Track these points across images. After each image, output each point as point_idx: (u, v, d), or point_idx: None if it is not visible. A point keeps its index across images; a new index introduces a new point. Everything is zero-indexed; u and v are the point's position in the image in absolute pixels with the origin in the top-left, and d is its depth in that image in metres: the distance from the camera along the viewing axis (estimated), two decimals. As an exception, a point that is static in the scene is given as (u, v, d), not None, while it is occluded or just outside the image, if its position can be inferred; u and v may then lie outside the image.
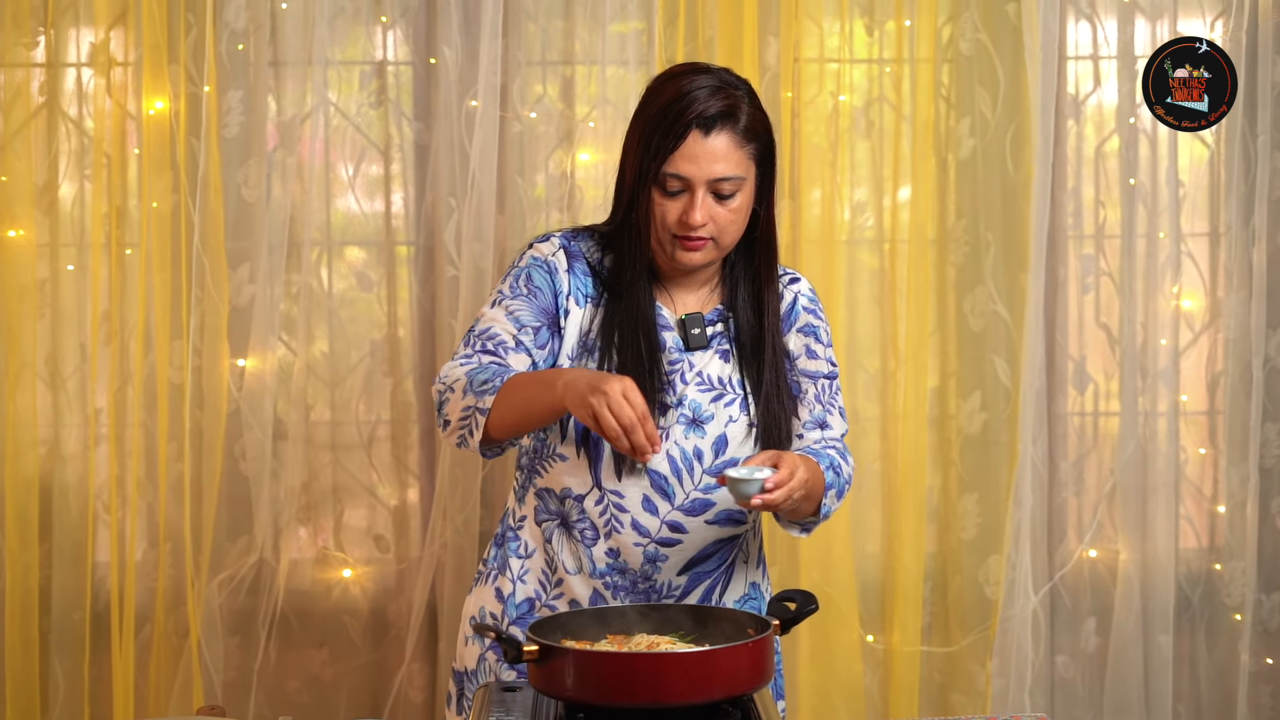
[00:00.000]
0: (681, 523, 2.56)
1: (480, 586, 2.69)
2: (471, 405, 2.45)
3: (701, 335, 2.60)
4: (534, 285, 2.59)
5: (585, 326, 2.58)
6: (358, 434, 3.78)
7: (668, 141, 2.48)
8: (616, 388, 2.30)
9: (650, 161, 2.49)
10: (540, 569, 2.62)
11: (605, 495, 2.55)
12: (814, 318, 2.71)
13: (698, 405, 2.57)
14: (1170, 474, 3.83)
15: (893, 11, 3.73)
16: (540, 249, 2.63)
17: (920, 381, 3.75)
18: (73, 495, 3.69)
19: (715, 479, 2.52)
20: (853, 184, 3.78)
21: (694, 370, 2.58)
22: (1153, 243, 3.81)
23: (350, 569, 3.80)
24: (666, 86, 2.53)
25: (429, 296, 3.75)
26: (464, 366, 2.53)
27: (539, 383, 2.43)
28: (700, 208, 2.49)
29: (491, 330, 2.56)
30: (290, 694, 3.79)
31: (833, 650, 3.75)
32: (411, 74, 3.76)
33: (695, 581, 2.61)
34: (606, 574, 2.57)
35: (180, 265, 3.65)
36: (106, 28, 3.64)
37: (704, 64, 2.60)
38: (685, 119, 2.48)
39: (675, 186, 2.50)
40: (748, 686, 2.21)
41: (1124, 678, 3.83)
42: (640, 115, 2.55)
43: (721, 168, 2.49)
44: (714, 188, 2.50)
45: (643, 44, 3.68)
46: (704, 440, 2.56)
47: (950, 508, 3.82)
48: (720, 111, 2.49)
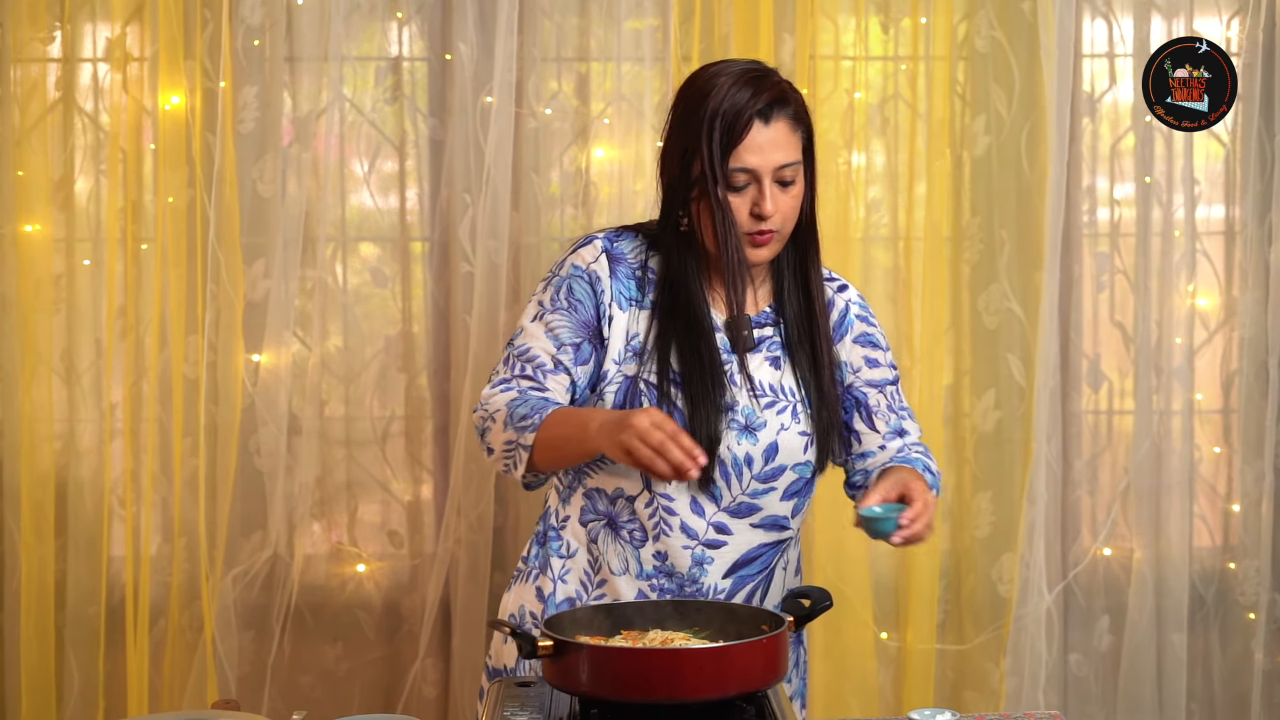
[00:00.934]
0: (727, 524, 2.55)
1: (520, 585, 2.67)
2: (514, 441, 2.47)
3: (750, 337, 2.57)
4: (575, 298, 2.56)
5: (632, 330, 2.55)
6: (372, 429, 3.78)
7: (732, 136, 2.46)
8: (644, 420, 2.30)
9: (716, 160, 2.46)
10: (583, 569, 2.61)
11: (655, 498, 2.53)
12: (867, 325, 2.70)
13: (750, 411, 2.54)
14: (1185, 472, 3.82)
15: (908, 9, 3.72)
16: (583, 255, 2.59)
17: (935, 379, 3.74)
18: (88, 490, 3.69)
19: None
20: (868, 181, 3.78)
21: (745, 375, 2.56)
22: (1168, 241, 3.80)
23: (364, 564, 3.81)
24: (712, 83, 2.49)
25: (443, 292, 3.75)
26: (504, 393, 2.52)
27: (575, 424, 2.43)
28: (770, 198, 2.48)
29: (531, 351, 2.55)
30: (304, 689, 3.79)
31: (846, 647, 3.75)
32: (427, 70, 3.76)
33: (739, 585, 2.60)
34: (654, 575, 2.56)
35: (195, 260, 3.65)
36: (123, 23, 3.64)
37: (732, 59, 2.58)
38: (747, 111, 2.46)
39: (741, 180, 2.48)
40: (762, 683, 2.21)
41: (1137, 676, 3.82)
42: (689, 119, 2.50)
43: (782, 155, 2.48)
44: (777, 175, 2.49)
45: (658, 40, 3.68)
46: (755, 447, 2.54)
47: (964, 505, 3.82)
48: (776, 99, 2.48)
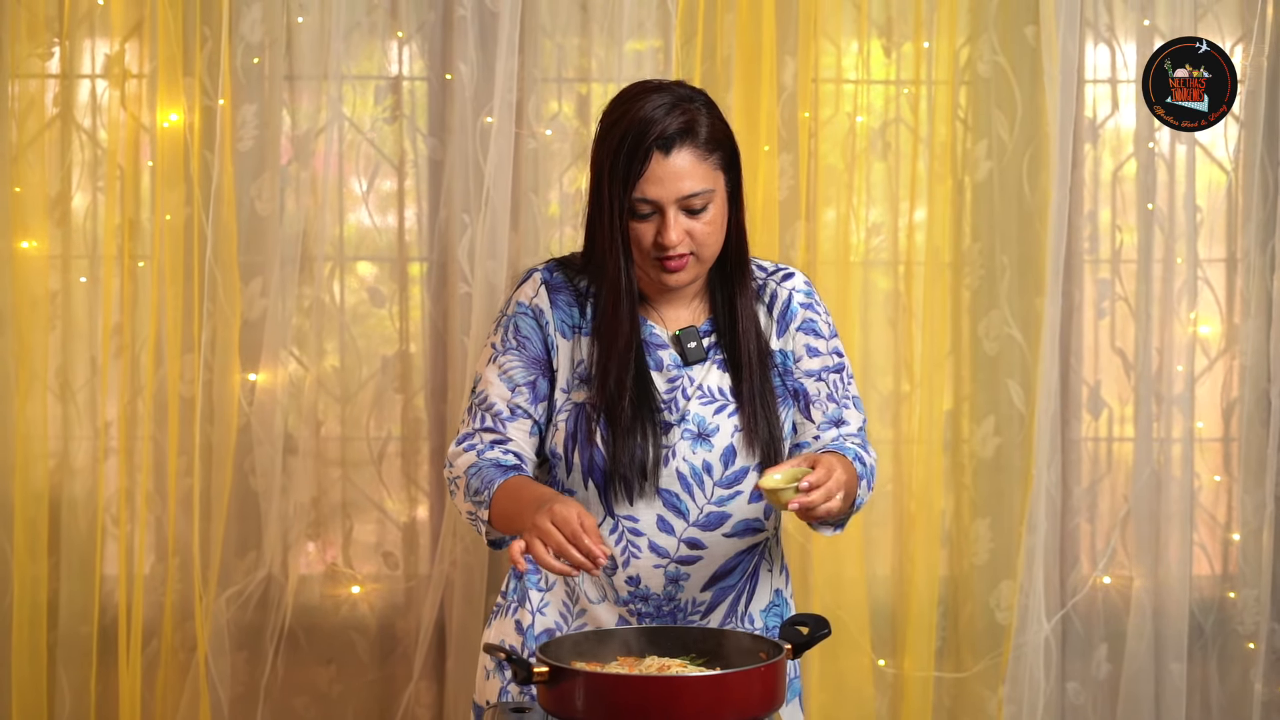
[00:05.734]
0: (699, 539, 2.55)
1: (500, 620, 2.67)
2: (473, 512, 2.53)
3: (699, 349, 2.59)
4: (522, 335, 2.60)
5: (577, 356, 2.59)
6: (368, 450, 3.77)
7: (632, 168, 2.47)
8: (545, 520, 2.30)
9: (618, 191, 2.49)
10: (561, 600, 2.61)
11: (619, 522, 2.54)
12: (811, 312, 2.68)
13: (701, 419, 2.56)
14: (1185, 501, 3.80)
15: (911, 33, 3.72)
16: (524, 291, 2.64)
17: (934, 405, 3.73)
18: (81, 508, 3.68)
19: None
20: (868, 205, 3.77)
21: (695, 384, 2.57)
22: (1169, 268, 3.79)
23: (359, 585, 3.79)
24: (621, 112, 2.51)
25: (441, 313, 3.74)
26: (466, 454, 2.57)
27: (518, 503, 2.44)
28: (673, 227, 2.48)
29: (488, 399, 2.59)
30: (297, 710, 3.77)
31: (843, 674, 3.73)
32: (427, 89, 3.75)
33: (720, 596, 2.59)
34: (630, 601, 2.56)
35: (192, 278, 3.64)
36: (121, 39, 3.63)
37: (655, 81, 2.58)
38: (645, 143, 2.47)
39: (646, 210, 2.49)
40: (760, 711, 2.20)
41: (1136, 705, 3.80)
42: (600, 145, 2.53)
43: (688, 184, 2.48)
44: (684, 205, 2.49)
45: (659, 62, 3.67)
46: (711, 453, 2.55)
47: (963, 532, 3.80)
48: (679, 129, 2.48)
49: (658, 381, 2.57)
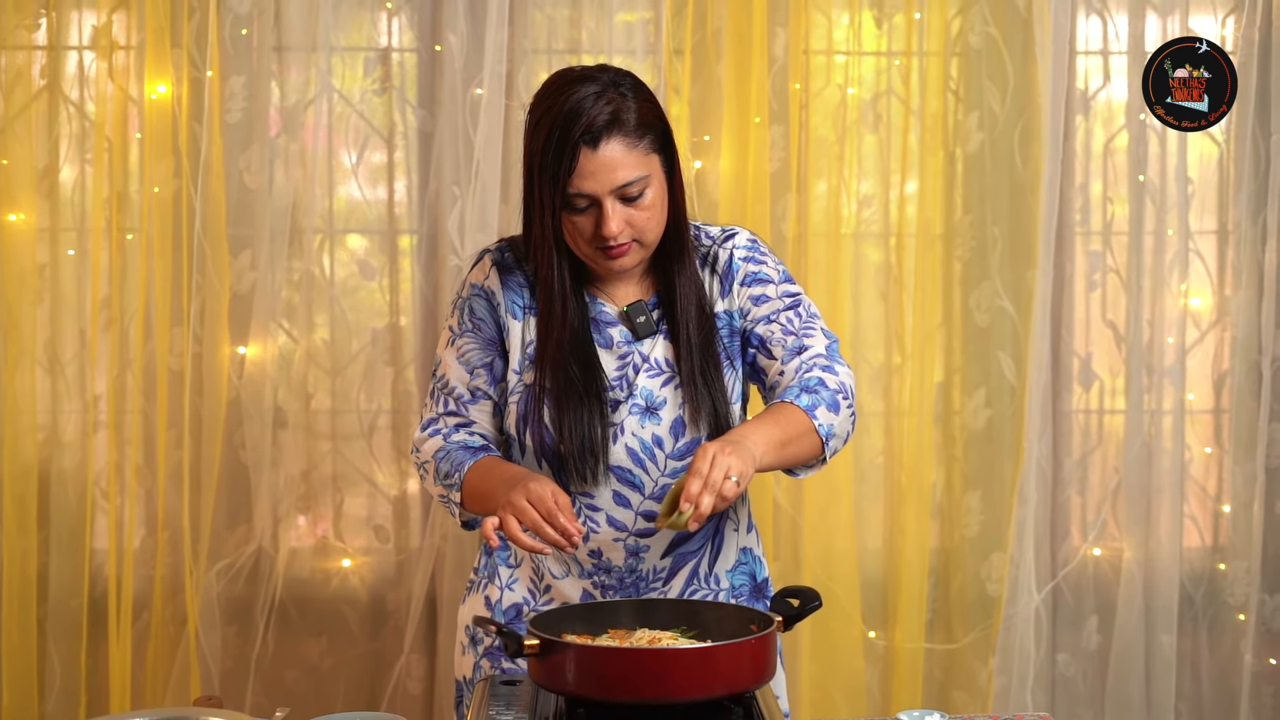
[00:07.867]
0: (655, 511, 2.54)
1: (472, 596, 2.69)
2: (445, 495, 2.55)
3: (648, 323, 2.58)
4: (476, 317, 2.61)
5: (527, 337, 2.58)
6: (358, 423, 3.76)
7: (561, 164, 2.43)
8: (520, 498, 2.33)
9: (548, 187, 2.45)
10: (529, 576, 2.62)
11: (576, 499, 2.53)
12: (753, 264, 2.64)
13: (649, 393, 2.55)
14: (1175, 473, 3.81)
15: (902, 4, 3.71)
16: (476, 274, 2.63)
17: (925, 377, 3.73)
18: (71, 482, 3.67)
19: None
20: (859, 177, 3.76)
21: (644, 359, 2.57)
22: (1160, 240, 3.78)
23: (349, 559, 3.79)
24: (546, 106, 2.47)
25: (431, 285, 3.73)
26: (432, 439, 2.59)
27: (489, 481, 2.46)
28: (613, 218, 2.46)
29: (449, 383, 2.61)
30: (288, 684, 3.77)
31: (834, 645, 3.74)
32: (416, 61, 3.74)
33: (681, 561, 2.59)
34: (594, 573, 2.57)
35: (181, 251, 3.63)
36: (109, 11, 3.61)
37: (578, 69, 2.52)
38: (572, 138, 2.42)
39: (582, 204, 2.46)
40: (750, 683, 2.19)
41: (1126, 676, 3.81)
42: (530, 139, 2.49)
43: (622, 174, 2.45)
44: (620, 194, 2.46)
45: (650, 34, 3.66)
46: (660, 426, 2.54)
47: (954, 504, 3.80)
48: (606, 120, 2.44)
49: (607, 360, 2.56)
